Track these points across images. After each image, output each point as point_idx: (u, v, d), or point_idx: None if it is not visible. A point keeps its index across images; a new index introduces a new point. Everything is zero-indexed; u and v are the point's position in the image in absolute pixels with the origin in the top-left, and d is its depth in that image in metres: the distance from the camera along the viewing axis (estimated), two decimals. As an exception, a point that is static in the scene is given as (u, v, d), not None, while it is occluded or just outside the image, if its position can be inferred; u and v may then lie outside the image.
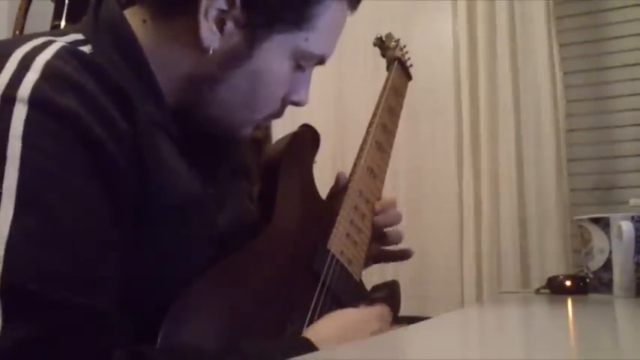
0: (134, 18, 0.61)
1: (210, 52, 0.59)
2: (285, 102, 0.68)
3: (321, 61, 0.68)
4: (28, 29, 1.34)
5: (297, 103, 0.69)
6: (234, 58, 0.61)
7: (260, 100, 0.65)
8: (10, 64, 0.49)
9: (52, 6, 1.30)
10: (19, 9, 1.36)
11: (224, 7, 0.59)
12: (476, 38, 1.69)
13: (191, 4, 0.58)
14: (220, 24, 0.59)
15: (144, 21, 0.61)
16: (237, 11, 0.59)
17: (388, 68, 1.04)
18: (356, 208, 0.81)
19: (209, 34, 0.59)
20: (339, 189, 0.85)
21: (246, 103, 0.64)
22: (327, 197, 0.86)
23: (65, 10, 1.26)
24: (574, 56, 1.75)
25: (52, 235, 0.46)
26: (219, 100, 0.62)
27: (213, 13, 0.58)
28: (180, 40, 0.60)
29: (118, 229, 0.51)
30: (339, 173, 0.87)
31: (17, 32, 1.35)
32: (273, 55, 0.62)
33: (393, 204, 0.88)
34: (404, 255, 0.91)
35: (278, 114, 0.68)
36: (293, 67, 0.65)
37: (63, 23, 1.26)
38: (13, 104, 0.47)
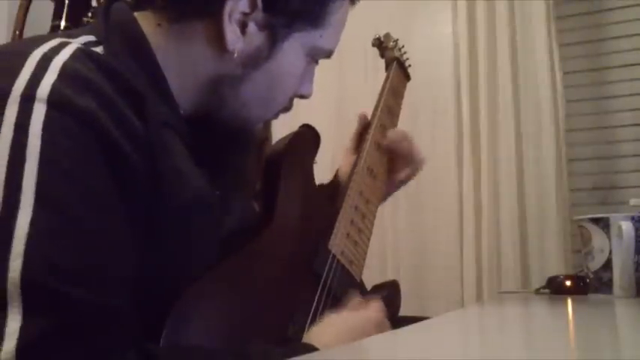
0: (146, 22, 0.61)
1: (235, 54, 0.61)
2: (295, 96, 0.70)
3: (329, 54, 0.70)
4: (28, 29, 1.34)
5: (303, 96, 0.71)
6: (256, 59, 0.62)
7: (277, 97, 0.67)
8: (29, 65, 0.50)
9: (52, 6, 1.30)
10: (19, 9, 1.35)
11: (247, 10, 0.60)
12: (476, 38, 1.69)
13: (213, 8, 0.59)
14: (242, 26, 0.61)
15: (158, 25, 0.61)
16: (258, 13, 0.61)
17: (387, 69, 1.04)
18: (356, 208, 0.81)
19: (233, 36, 0.60)
20: (360, 130, 0.92)
21: (264, 100, 0.66)
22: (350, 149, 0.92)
23: (65, 10, 1.26)
24: (574, 56, 1.75)
25: (70, 233, 0.46)
26: (240, 100, 0.64)
27: (236, 16, 0.60)
28: (198, 42, 0.61)
29: (132, 229, 0.51)
30: (361, 114, 0.92)
31: (17, 32, 1.35)
32: (292, 54, 0.65)
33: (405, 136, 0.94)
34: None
35: (288, 108, 0.71)
36: (307, 63, 0.68)
37: (63, 23, 1.26)
38: (33, 104, 0.47)
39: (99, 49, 0.56)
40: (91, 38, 0.57)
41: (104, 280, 0.48)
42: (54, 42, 0.53)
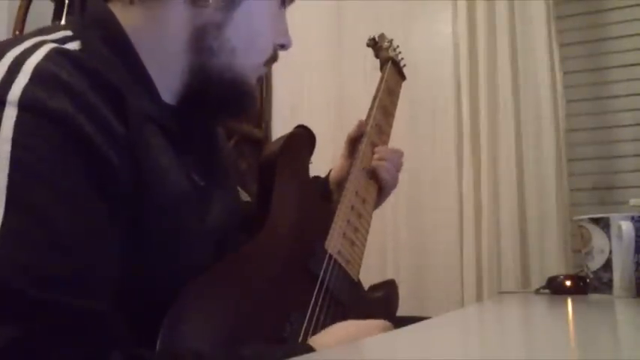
0: (119, 8, 0.61)
1: (210, 0, 0.62)
2: (276, 46, 0.71)
3: None
4: (28, 29, 1.34)
5: (283, 46, 0.72)
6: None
7: (261, 39, 0.68)
8: (1, 68, 0.49)
9: (52, 6, 1.30)
10: (19, 9, 1.35)
11: None
12: (476, 38, 1.69)
13: None
14: None
15: (131, 2, 0.61)
16: None
17: (382, 69, 1.04)
18: (352, 208, 0.81)
19: None
20: (356, 136, 0.92)
21: (250, 43, 0.66)
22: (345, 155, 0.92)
23: (65, 10, 1.26)
24: (574, 56, 1.75)
25: (42, 236, 0.45)
26: (228, 46, 0.64)
27: None
28: (174, 2, 0.61)
29: (112, 229, 0.50)
30: (360, 121, 0.93)
31: (17, 32, 1.35)
32: None
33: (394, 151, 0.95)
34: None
35: (274, 58, 0.72)
36: (278, 5, 0.70)
37: (63, 23, 1.25)
38: (3, 108, 0.47)
39: (75, 44, 0.55)
40: (68, 33, 0.57)
41: (80, 282, 0.47)
42: (28, 43, 0.52)
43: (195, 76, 0.64)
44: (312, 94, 1.85)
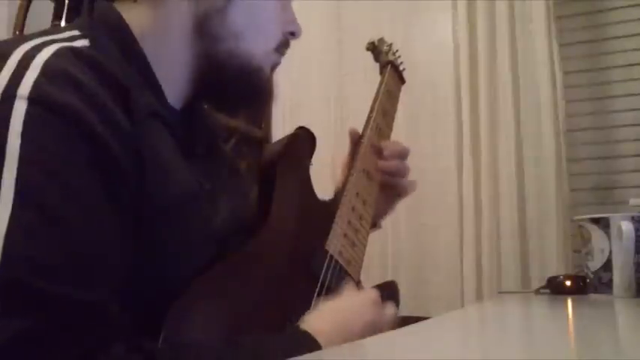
0: (124, 5, 0.61)
1: None
2: (285, 33, 0.70)
3: None
4: (28, 29, 1.34)
5: (293, 34, 0.71)
6: None
7: (268, 24, 0.68)
8: (10, 64, 0.49)
9: (52, 6, 1.30)
10: (19, 9, 1.36)
11: None
12: (476, 38, 1.69)
13: None
14: None
15: (134, 1, 0.62)
16: None
17: (381, 72, 1.04)
18: (353, 209, 0.81)
19: None
20: (353, 144, 0.91)
21: (256, 28, 0.66)
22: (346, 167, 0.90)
23: (65, 10, 1.26)
24: (574, 56, 1.75)
25: (50, 230, 0.46)
26: (232, 31, 0.64)
27: None
28: None
29: (118, 225, 0.51)
30: (351, 129, 0.92)
31: (17, 32, 1.35)
32: None
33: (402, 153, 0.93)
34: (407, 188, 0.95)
35: (285, 44, 0.71)
36: None
37: (63, 23, 1.25)
38: (13, 102, 0.47)
39: (84, 42, 0.56)
40: (75, 33, 0.57)
41: (85, 276, 0.47)
42: (36, 40, 0.52)
43: (204, 66, 0.64)
44: (313, 93, 1.85)
